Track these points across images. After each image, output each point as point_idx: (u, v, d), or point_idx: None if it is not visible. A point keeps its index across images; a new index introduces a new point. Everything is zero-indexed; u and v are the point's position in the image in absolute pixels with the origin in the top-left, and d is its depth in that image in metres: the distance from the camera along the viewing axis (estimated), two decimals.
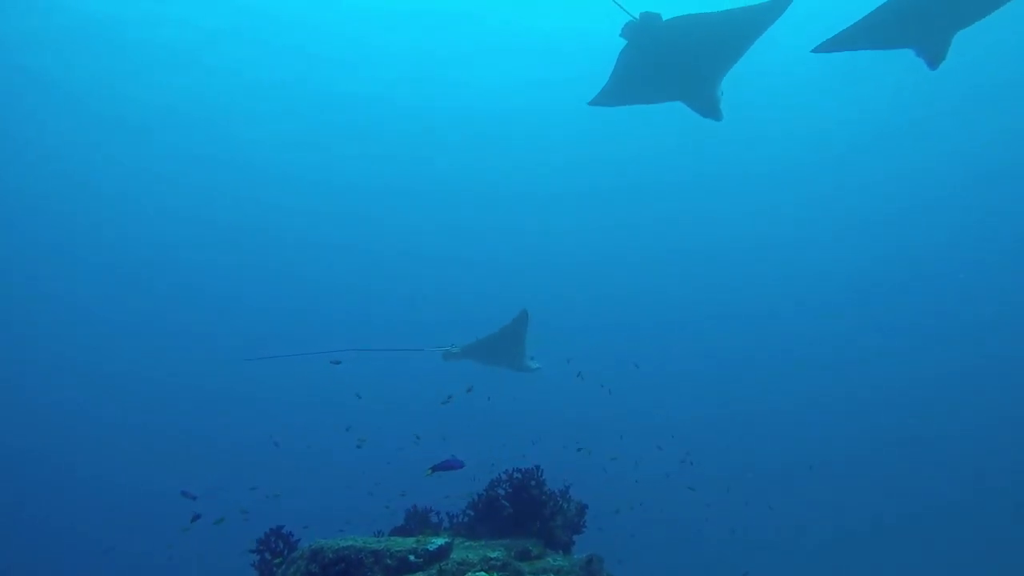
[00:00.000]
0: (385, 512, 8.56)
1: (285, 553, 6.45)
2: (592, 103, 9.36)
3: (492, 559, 6.50)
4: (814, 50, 8.21)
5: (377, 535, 6.97)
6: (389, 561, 6.03)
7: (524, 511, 7.17)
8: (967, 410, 29.10)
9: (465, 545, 6.77)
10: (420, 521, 7.44)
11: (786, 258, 33.04)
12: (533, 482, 7.35)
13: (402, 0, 24.61)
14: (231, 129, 28.33)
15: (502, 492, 7.31)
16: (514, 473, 7.39)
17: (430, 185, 31.49)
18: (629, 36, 8.56)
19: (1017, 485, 25.37)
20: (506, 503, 7.23)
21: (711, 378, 31.48)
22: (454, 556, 6.38)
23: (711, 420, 28.62)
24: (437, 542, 6.38)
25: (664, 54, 8.73)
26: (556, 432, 17.06)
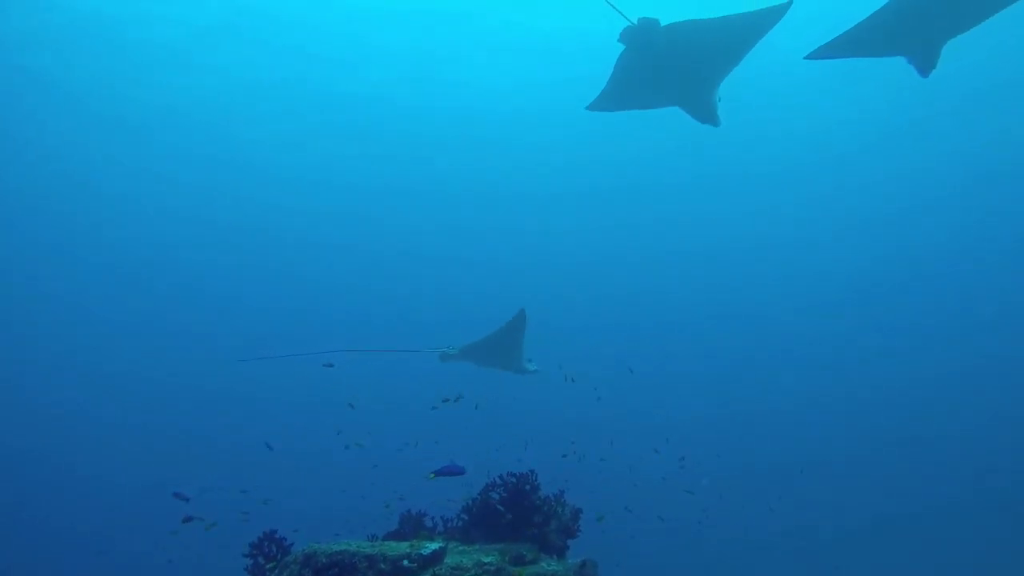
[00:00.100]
0: (385, 512, 8.55)
1: (279, 557, 6.44)
2: (590, 108, 9.34)
3: (486, 564, 6.50)
4: (807, 57, 8.28)
5: (371, 539, 6.97)
6: (383, 566, 6.03)
7: (518, 515, 7.17)
8: (967, 410, 29.15)
9: (459, 550, 6.77)
10: (414, 525, 7.44)
11: (785, 259, 33.05)
12: (528, 486, 7.36)
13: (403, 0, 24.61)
14: (229, 128, 28.23)
15: (496, 496, 7.31)
16: (509, 477, 7.40)
17: (428, 185, 31.44)
18: (627, 41, 8.55)
19: (1017, 485, 25.42)
20: (501, 507, 7.23)
21: (710, 379, 31.50)
22: (448, 561, 6.39)
23: (710, 421, 28.64)
24: (431, 547, 6.37)
25: (662, 59, 8.71)
26: (553, 435, 17.02)
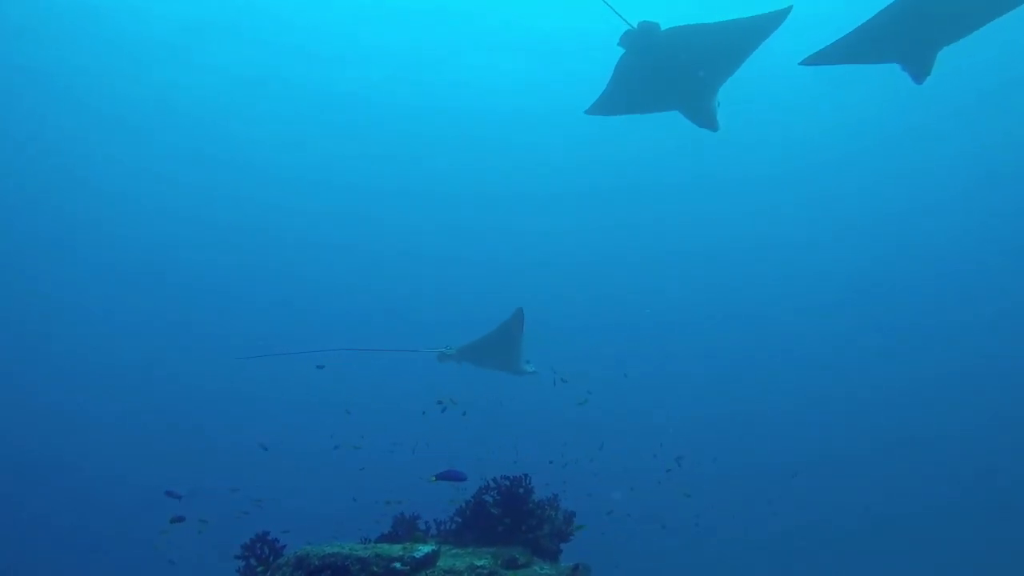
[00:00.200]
0: (385, 508, 8.53)
1: (270, 560, 6.43)
2: (589, 112, 9.35)
3: (479, 567, 6.51)
4: (801, 63, 8.33)
5: (364, 541, 6.97)
6: (375, 568, 6.04)
7: (512, 519, 7.18)
8: (966, 411, 29.21)
9: (452, 552, 6.78)
10: (408, 527, 7.44)
11: (784, 261, 33.08)
12: (521, 490, 7.36)
13: None
14: (225, 126, 28.06)
15: (490, 499, 7.32)
16: (502, 480, 7.40)
17: (426, 184, 31.36)
18: (627, 45, 8.55)
19: (1017, 485, 25.45)
20: (494, 510, 7.24)
21: (709, 380, 31.50)
22: (441, 564, 6.39)
23: (707, 423, 28.63)
24: (424, 550, 6.38)
25: (662, 64, 8.72)
26: (549, 436, 17.05)
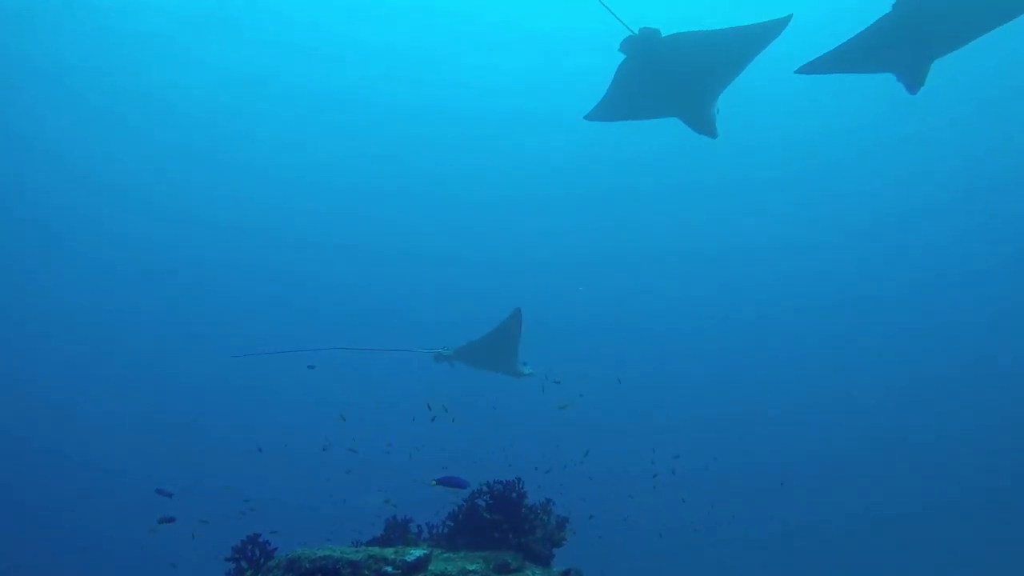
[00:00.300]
0: (384, 507, 8.54)
1: (261, 562, 6.42)
2: (588, 117, 9.37)
3: (470, 571, 6.52)
4: (797, 71, 8.38)
5: (356, 544, 6.98)
6: (367, 572, 6.04)
7: (504, 523, 7.18)
8: (966, 411, 29.30)
9: (444, 557, 6.78)
10: (400, 531, 7.45)
11: (783, 263, 33.11)
12: (514, 494, 7.37)
13: None
14: (222, 124, 27.88)
15: (482, 504, 7.32)
16: (495, 485, 7.41)
17: (424, 184, 31.32)
18: (628, 51, 8.56)
19: (1017, 485, 25.49)
20: (486, 515, 7.25)
21: (708, 380, 31.55)
22: (432, 568, 6.40)
23: (706, 423, 28.69)
24: (415, 553, 6.38)
25: (663, 70, 8.74)
26: (546, 438, 17.05)
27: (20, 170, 27.64)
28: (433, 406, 9.33)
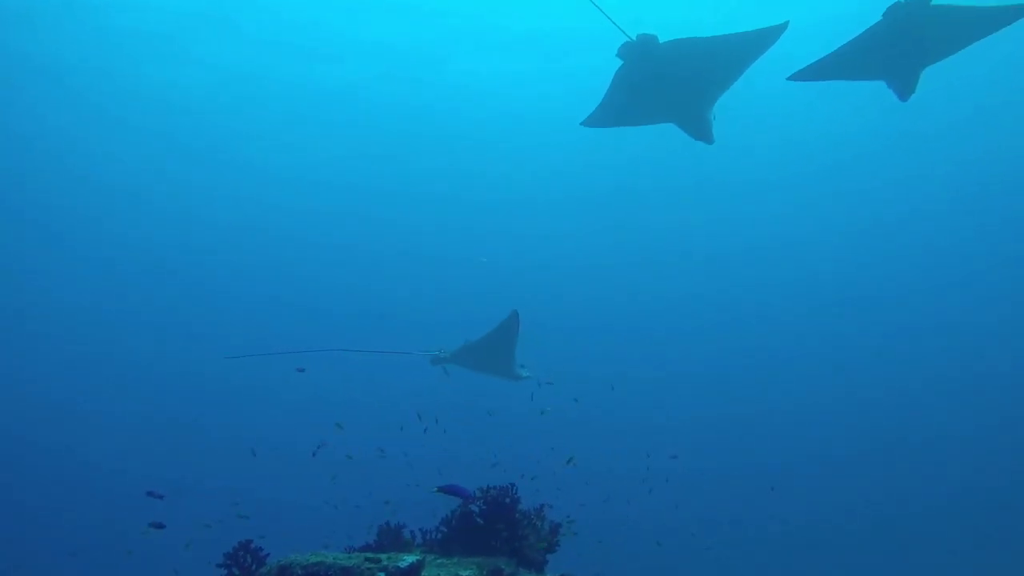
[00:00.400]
0: (384, 509, 8.55)
1: (253, 568, 6.41)
2: (585, 123, 9.36)
3: None
4: (789, 78, 8.43)
5: (348, 551, 6.98)
6: None
7: (498, 529, 7.18)
8: (966, 411, 29.33)
9: (437, 563, 6.78)
10: (393, 537, 7.44)
11: (782, 264, 33.11)
12: (508, 499, 7.33)
13: None
14: (220, 123, 27.94)
15: (476, 509, 7.31)
16: (489, 490, 7.40)
17: (422, 185, 31.30)
18: (626, 57, 8.56)
19: (1017, 485, 25.50)
20: (480, 520, 7.24)
21: (706, 382, 31.56)
22: (426, 574, 6.40)
23: (705, 424, 28.71)
24: (408, 559, 6.37)
25: (661, 76, 8.73)
26: (542, 440, 17.03)
27: (19, 169, 27.63)
28: (426, 414, 9.29)
